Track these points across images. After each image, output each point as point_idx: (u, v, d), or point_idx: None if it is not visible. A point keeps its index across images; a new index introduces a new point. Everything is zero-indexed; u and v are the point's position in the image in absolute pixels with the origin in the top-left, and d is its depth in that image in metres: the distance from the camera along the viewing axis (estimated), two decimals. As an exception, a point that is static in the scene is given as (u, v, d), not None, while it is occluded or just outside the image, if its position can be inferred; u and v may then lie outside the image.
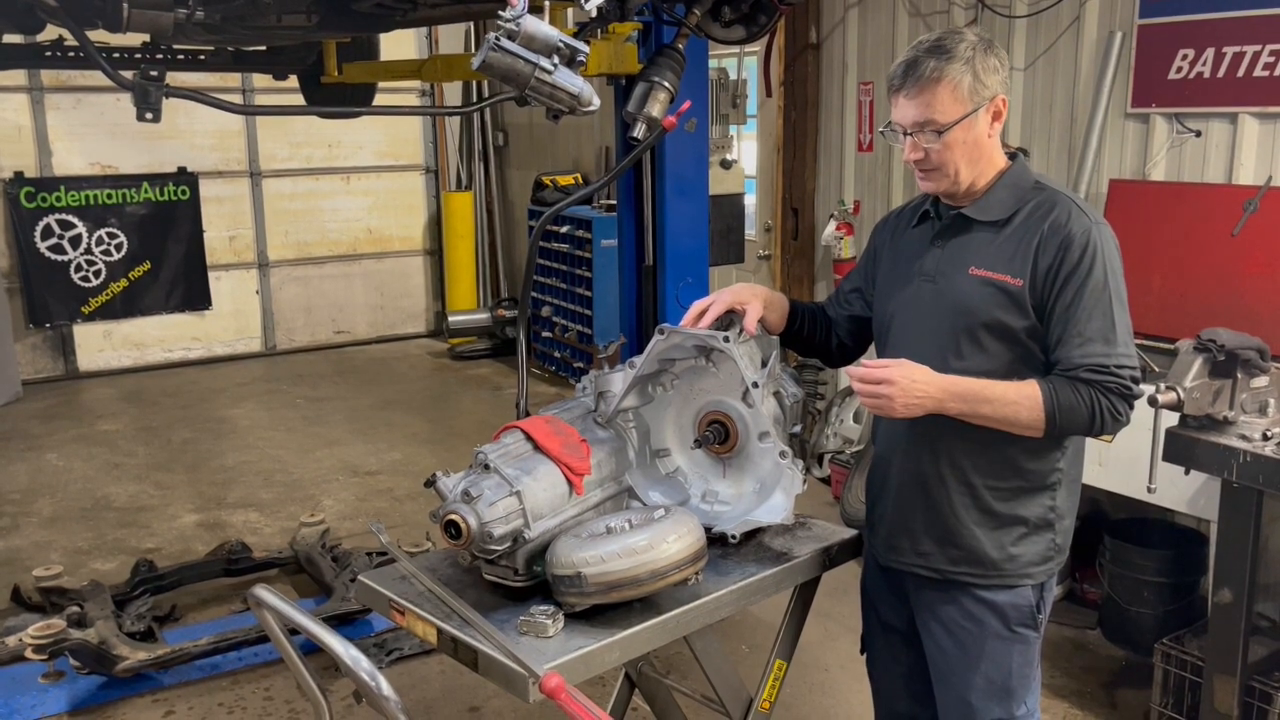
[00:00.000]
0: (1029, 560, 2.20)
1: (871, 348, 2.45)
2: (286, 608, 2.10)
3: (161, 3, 2.47)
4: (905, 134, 2.12)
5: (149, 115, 2.42)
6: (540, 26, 2.15)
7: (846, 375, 2.09)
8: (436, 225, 9.85)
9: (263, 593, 2.12)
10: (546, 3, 3.34)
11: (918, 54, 2.08)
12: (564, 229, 7.80)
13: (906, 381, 2.02)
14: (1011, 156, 2.21)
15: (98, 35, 2.74)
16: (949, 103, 2.06)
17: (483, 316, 9.14)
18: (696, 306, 2.32)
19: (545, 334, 8.26)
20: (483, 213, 9.71)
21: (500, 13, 2.11)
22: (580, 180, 8.47)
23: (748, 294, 2.33)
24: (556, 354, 8.28)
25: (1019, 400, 2.04)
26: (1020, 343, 2.11)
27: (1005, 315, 2.10)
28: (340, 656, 1.94)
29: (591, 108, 2.25)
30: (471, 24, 8.72)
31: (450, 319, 9.08)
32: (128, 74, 2.53)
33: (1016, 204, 2.14)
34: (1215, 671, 3.02)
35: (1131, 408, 2.08)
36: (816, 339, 2.50)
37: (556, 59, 2.16)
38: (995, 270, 2.11)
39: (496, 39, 2.12)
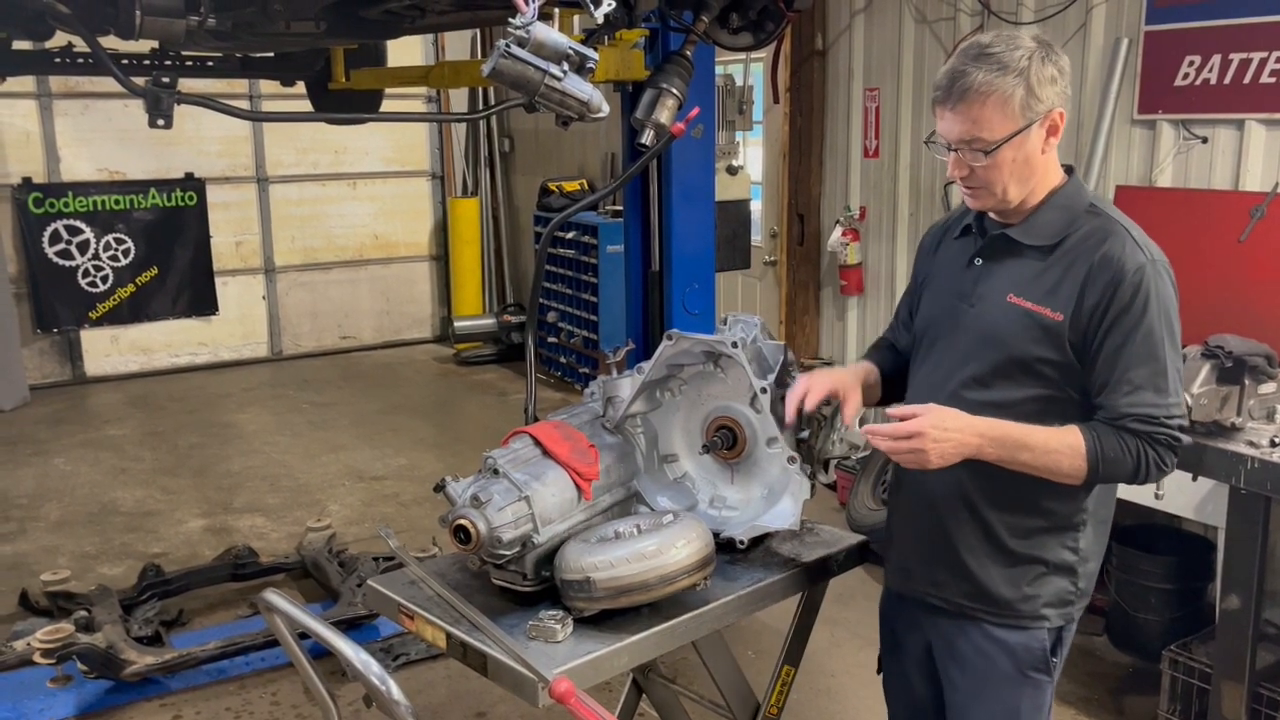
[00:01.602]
0: (1046, 602, 2.06)
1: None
2: (297, 612, 2.10)
3: (174, 10, 2.48)
4: (950, 149, 1.96)
5: (160, 122, 2.43)
6: (550, 33, 2.16)
7: (865, 435, 1.96)
8: (442, 231, 9.87)
9: (273, 597, 2.13)
10: (555, 10, 3.36)
11: (965, 62, 1.90)
12: (570, 234, 7.82)
13: (938, 431, 1.87)
14: (1068, 171, 2.05)
15: (106, 42, 2.75)
16: (997, 119, 1.88)
17: (488, 322, 9.16)
18: (795, 394, 2.15)
19: (551, 339, 8.27)
20: (488, 218, 9.72)
21: (510, 19, 2.12)
22: (586, 186, 8.49)
23: (849, 380, 2.20)
24: (562, 359, 8.29)
25: (1060, 449, 1.90)
26: (1050, 380, 1.96)
27: (1039, 350, 1.95)
28: (351, 661, 1.94)
29: (601, 114, 2.26)
30: (478, 30, 8.75)
31: (456, 324, 9.10)
32: (138, 80, 2.54)
33: (1066, 228, 1.97)
34: (1223, 678, 3.01)
35: (1178, 456, 1.94)
36: (901, 379, 2.32)
37: (566, 66, 2.16)
38: (1035, 300, 1.95)
39: (506, 46, 2.13)
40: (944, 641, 2.19)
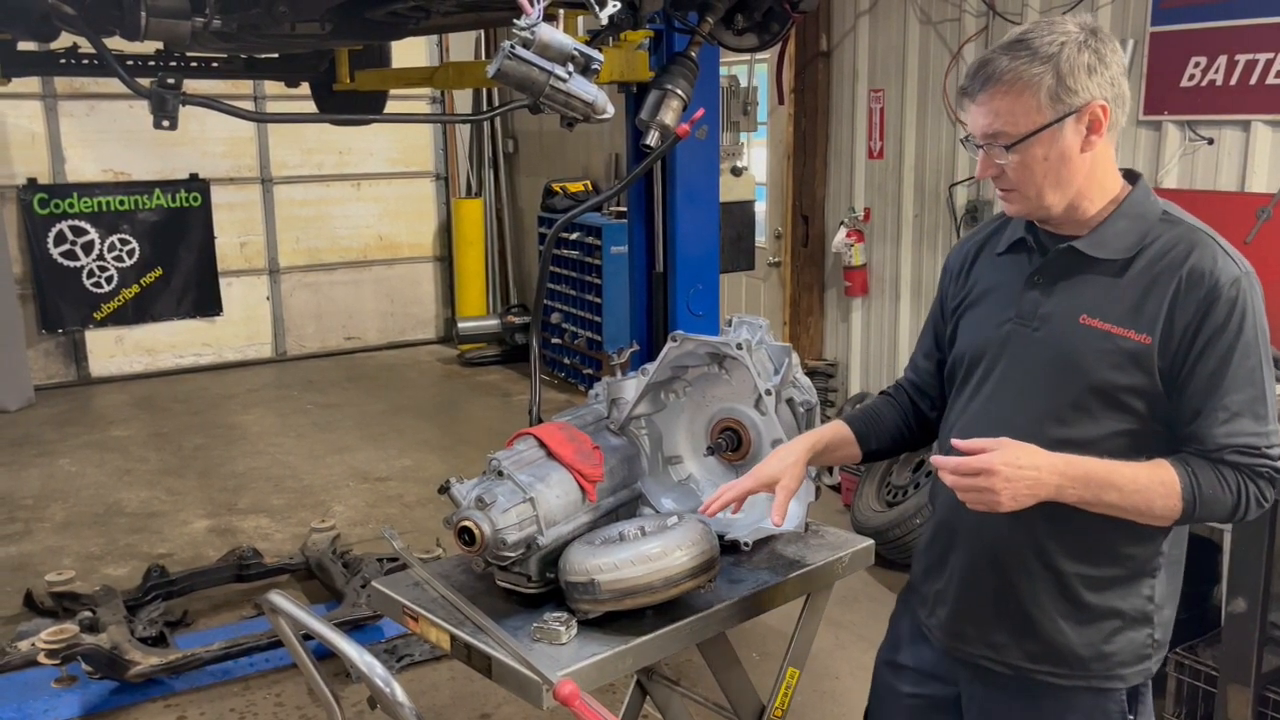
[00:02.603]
0: (1121, 660, 1.83)
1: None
2: (301, 613, 2.10)
3: (179, 11, 2.49)
4: (978, 146, 1.77)
5: (166, 123, 2.43)
6: (555, 35, 2.15)
7: (933, 464, 1.74)
8: (446, 232, 9.88)
9: (277, 598, 2.13)
10: (560, 10, 3.36)
11: (996, 51, 1.73)
12: (574, 236, 7.82)
13: (1011, 469, 1.64)
14: (1130, 178, 1.82)
15: (111, 43, 2.76)
16: (1022, 110, 1.69)
17: (492, 323, 9.16)
18: (716, 498, 2.03)
19: (555, 340, 8.27)
20: (493, 219, 9.73)
21: (515, 20, 2.11)
22: (590, 187, 8.49)
23: (776, 469, 2.00)
24: (566, 360, 8.29)
25: (1151, 487, 1.68)
26: (1137, 413, 1.74)
27: (1123, 378, 1.72)
28: (355, 662, 1.94)
29: (606, 115, 2.25)
30: (482, 32, 8.75)
31: (460, 325, 9.11)
32: (143, 82, 2.54)
33: (1141, 240, 1.75)
34: (1229, 681, 3.00)
35: (1277, 490, 1.74)
36: (906, 434, 2.13)
37: (571, 67, 2.16)
38: (1115, 322, 1.72)
39: (511, 47, 2.12)
40: (993, 711, 1.94)
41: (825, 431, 2.10)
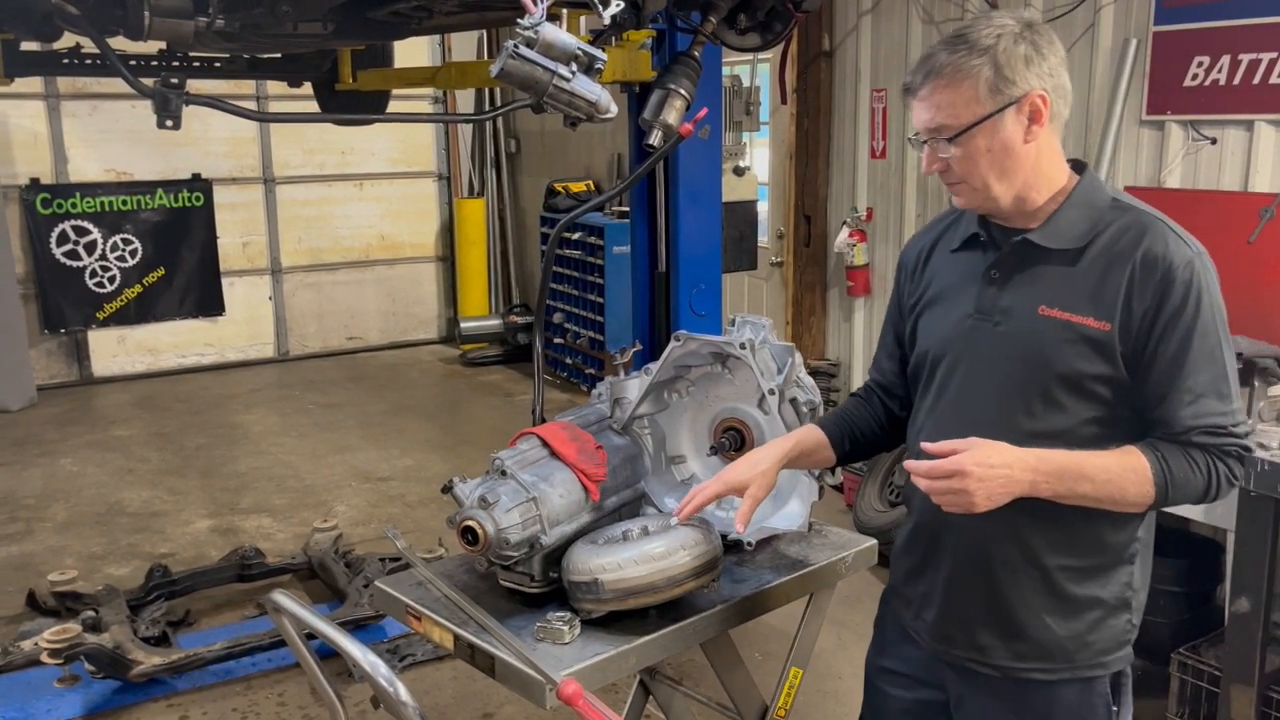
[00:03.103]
0: (1103, 648, 1.85)
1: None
2: (304, 613, 2.10)
3: (183, 11, 2.49)
4: (923, 141, 1.81)
5: (169, 123, 2.43)
6: (558, 34, 2.15)
7: (905, 468, 1.75)
8: (449, 232, 9.88)
9: (280, 597, 2.13)
10: (563, 10, 3.36)
11: (936, 47, 1.77)
12: (576, 235, 7.82)
13: (984, 469, 1.64)
14: (1077, 167, 1.86)
15: (113, 43, 2.76)
16: (963, 102, 1.72)
17: (494, 323, 9.16)
18: (689, 500, 2.05)
19: (557, 340, 8.27)
20: (495, 219, 9.73)
21: (519, 20, 2.11)
22: (592, 187, 8.49)
23: (745, 475, 2.00)
24: (568, 360, 8.29)
25: (1123, 475, 1.69)
26: (1102, 399, 1.75)
27: (1088, 365, 1.73)
28: (358, 661, 1.94)
29: (609, 115, 2.25)
30: (484, 31, 8.75)
31: (462, 325, 9.11)
32: (146, 82, 2.54)
33: (1093, 228, 1.77)
34: (1232, 681, 3.00)
35: (1245, 468, 1.77)
36: (879, 435, 2.12)
37: (574, 66, 2.16)
38: (1074, 311, 1.74)
39: (515, 46, 2.12)
40: (980, 712, 1.93)
41: (798, 436, 2.09)
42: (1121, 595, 1.84)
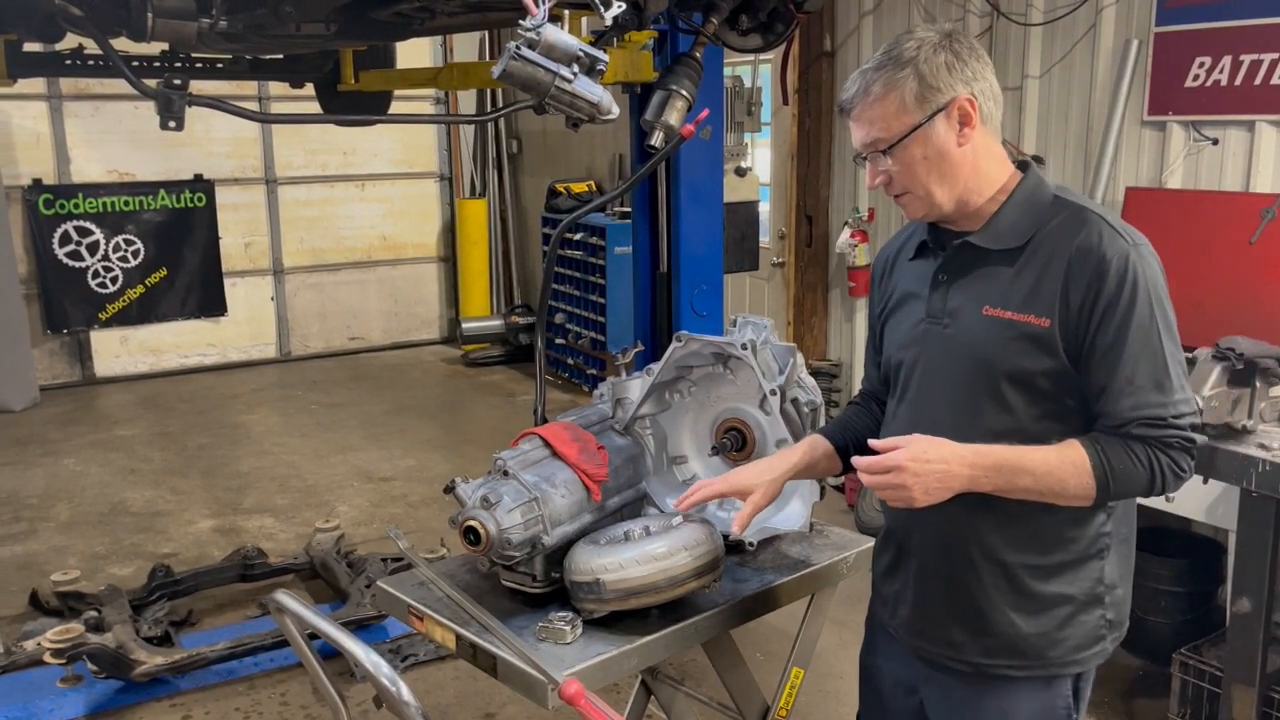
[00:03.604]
0: (1076, 644, 1.85)
1: None
2: (307, 613, 2.10)
3: (186, 12, 2.50)
4: (863, 159, 1.86)
5: (172, 124, 2.44)
6: (560, 35, 2.16)
7: (853, 464, 1.79)
8: (450, 232, 9.89)
9: (283, 597, 2.13)
10: (565, 11, 3.37)
11: (863, 69, 1.83)
12: (578, 236, 7.82)
13: (918, 464, 1.68)
14: (1022, 166, 1.88)
15: (116, 44, 2.76)
16: (893, 115, 1.77)
17: (496, 323, 9.17)
18: (691, 493, 2.06)
19: (559, 341, 8.28)
20: (496, 220, 9.74)
21: (521, 21, 2.12)
22: (594, 188, 8.50)
23: (753, 480, 2.03)
24: (570, 360, 8.30)
25: (1061, 466, 1.71)
26: (1049, 395, 1.77)
27: (1031, 363, 1.75)
28: (361, 661, 1.94)
29: (611, 116, 2.26)
30: (486, 32, 8.76)
31: (464, 325, 9.11)
32: (149, 83, 2.55)
33: (1034, 226, 1.79)
34: (1234, 682, 3.00)
35: (1194, 459, 1.76)
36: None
37: (576, 68, 2.17)
38: (1015, 309, 1.77)
39: (517, 48, 2.13)
40: (950, 708, 1.97)
41: (806, 446, 2.11)
42: (1092, 591, 1.84)
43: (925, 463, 1.69)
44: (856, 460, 1.75)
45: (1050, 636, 1.84)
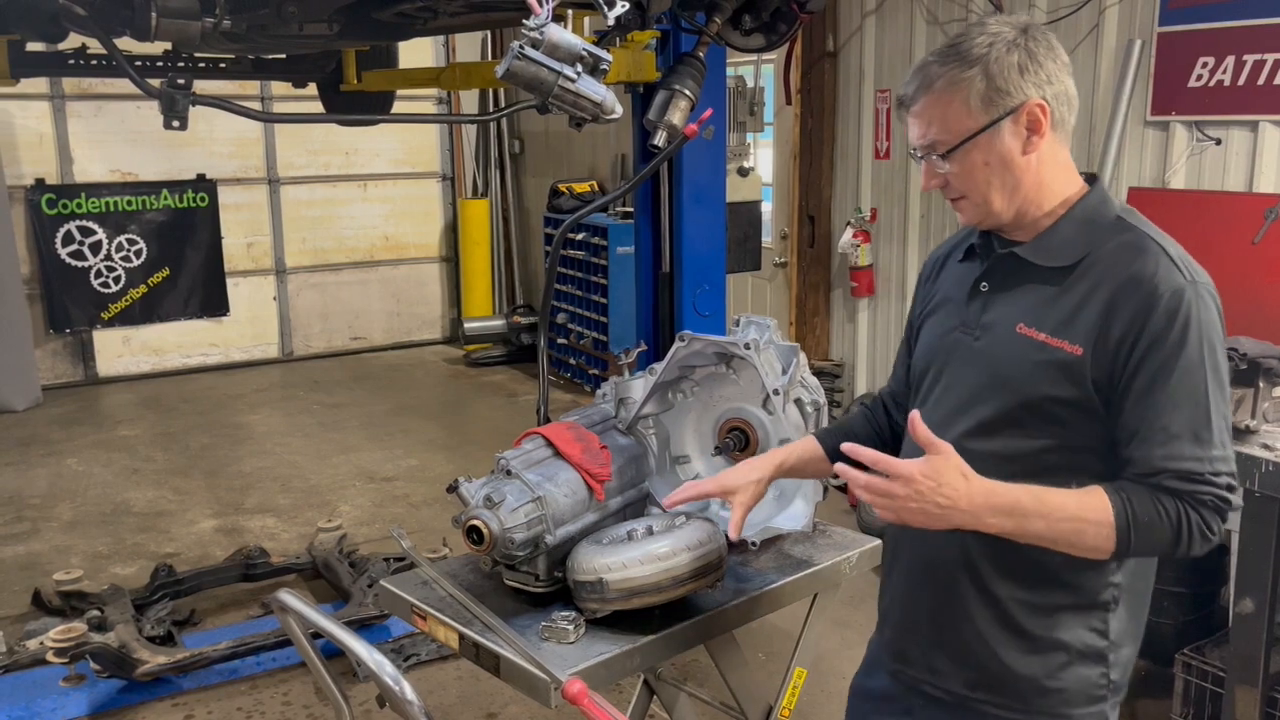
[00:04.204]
0: (1068, 699, 1.69)
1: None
2: (310, 612, 2.10)
3: (189, 11, 2.50)
4: (920, 157, 1.72)
5: (176, 124, 2.44)
6: (564, 35, 2.16)
7: (839, 472, 1.66)
8: (453, 232, 9.89)
9: (286, 597, 2.13)
10: (568, 11, 3.37)
11: (928, 59, 1.68)
12: (580, 236, 7.83)
13: (928, 484, 1.53)
14: (1090, 179, 1.73)
15: (118, 44, 2.76)
16: (955, 116, 1.63)
17: (498, 323, 9.17)
18: (678, 492, 2.04)
19: (561, 341, 8.28)
20: (499, 220, 9.74)
21: (524, 21, 2.12)
22: (596, 188, 8.50)
23: (737, 482, 1.96)
24: (572, 360, 8.30)
25: (1082, 516, 1.54)
26: (1068, 426, 1.63)
27: (1054, 390, 1.61)
28: (364, 660, 1.94)
29: (614, 116, 2.26)
30: (488, 33, 8.76)
31: (466, 326, 9.12)
32: (153, 82, 2.55)
33: (1088, 246, 1.64)
34: (1236, 682, 3.00)
35: (1225, 522, 1.57)
36: (879, 447, 1.78)
37: (580, 67, 2.17)
38: (1049, 332, 1.62)
39: (520, 47, 2.13)
40: None
41: (795, 448, 2.05)
42: (1092, 645, 1.69)
43: (936, 487, 1.52)
44: (863, 455, 1.58)
45: (1039, 683, 1.69)
